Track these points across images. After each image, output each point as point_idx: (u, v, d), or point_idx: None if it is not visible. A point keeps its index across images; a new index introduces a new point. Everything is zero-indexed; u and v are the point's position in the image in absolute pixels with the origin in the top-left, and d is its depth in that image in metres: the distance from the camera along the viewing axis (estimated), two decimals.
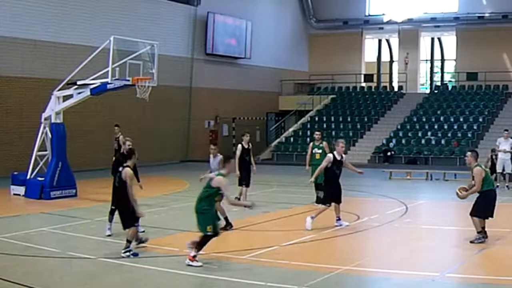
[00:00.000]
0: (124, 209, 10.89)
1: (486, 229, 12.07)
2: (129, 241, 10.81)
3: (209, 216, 10.25)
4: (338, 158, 13.75)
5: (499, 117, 33.12)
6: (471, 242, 11.90)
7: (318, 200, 16.03)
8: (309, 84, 41.86)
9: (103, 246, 11.78)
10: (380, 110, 36.88)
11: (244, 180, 16.79)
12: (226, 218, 13.24)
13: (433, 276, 9.43)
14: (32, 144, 19.33)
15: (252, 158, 17.20)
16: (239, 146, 17.02)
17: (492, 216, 12.15)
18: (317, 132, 17.90)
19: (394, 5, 39.59)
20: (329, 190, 13.89)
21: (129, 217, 10.86)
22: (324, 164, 13.89)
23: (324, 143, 17.39)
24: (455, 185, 17.02)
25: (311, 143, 17.82)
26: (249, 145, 17.12)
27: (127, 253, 10.70)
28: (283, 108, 39.61)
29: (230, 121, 36.21)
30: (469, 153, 12.39)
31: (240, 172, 16.59)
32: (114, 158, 19.10)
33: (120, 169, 11.04)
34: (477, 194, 12.20)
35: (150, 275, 9.74)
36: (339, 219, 13.86)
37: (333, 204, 13.78)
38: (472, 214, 12.08)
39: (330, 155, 13.87)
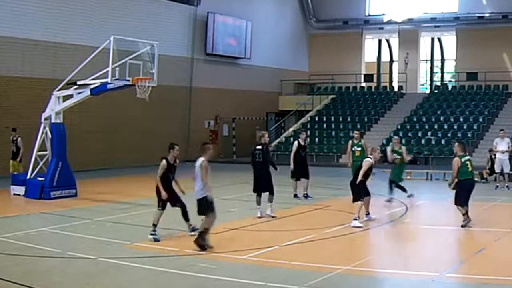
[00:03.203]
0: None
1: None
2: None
3: None
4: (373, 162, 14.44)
5: (499, 117, 33.08)
6: (462, 226, 13.04)
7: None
8: (309, 84, 41.83)
9: (103, 246, 11.77)
10: (380, 110, 36.84)
11: (297, 174, 18.09)
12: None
13: (433, 276, 9.43)
14: (32, 144, 19.35)
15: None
16: (296, 142, 18.39)
17: (462, 205, 13.24)
18: (356, 132, 20.08)
19: (394, 5, 39.54)
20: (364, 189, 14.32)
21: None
22: (365, 168, 14.11)
23: (363, 141, 19.31)
24: None
25: (350, 141, 19.61)
26: (305, 142, 18.60)
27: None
28: (283, 108, 39.56)
29: (230, 121, 36.18)
30: (456, 144, 13.74)
31: (294, 166, 18.00)
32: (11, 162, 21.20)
33: (259, 147, 14.14)
34: None
35: (150, 275, 9.73)
36: (368, 214, 14.51)
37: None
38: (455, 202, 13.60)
39: (371, 160, 14.26)
